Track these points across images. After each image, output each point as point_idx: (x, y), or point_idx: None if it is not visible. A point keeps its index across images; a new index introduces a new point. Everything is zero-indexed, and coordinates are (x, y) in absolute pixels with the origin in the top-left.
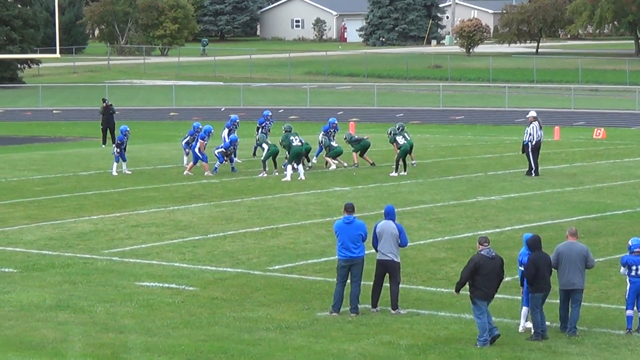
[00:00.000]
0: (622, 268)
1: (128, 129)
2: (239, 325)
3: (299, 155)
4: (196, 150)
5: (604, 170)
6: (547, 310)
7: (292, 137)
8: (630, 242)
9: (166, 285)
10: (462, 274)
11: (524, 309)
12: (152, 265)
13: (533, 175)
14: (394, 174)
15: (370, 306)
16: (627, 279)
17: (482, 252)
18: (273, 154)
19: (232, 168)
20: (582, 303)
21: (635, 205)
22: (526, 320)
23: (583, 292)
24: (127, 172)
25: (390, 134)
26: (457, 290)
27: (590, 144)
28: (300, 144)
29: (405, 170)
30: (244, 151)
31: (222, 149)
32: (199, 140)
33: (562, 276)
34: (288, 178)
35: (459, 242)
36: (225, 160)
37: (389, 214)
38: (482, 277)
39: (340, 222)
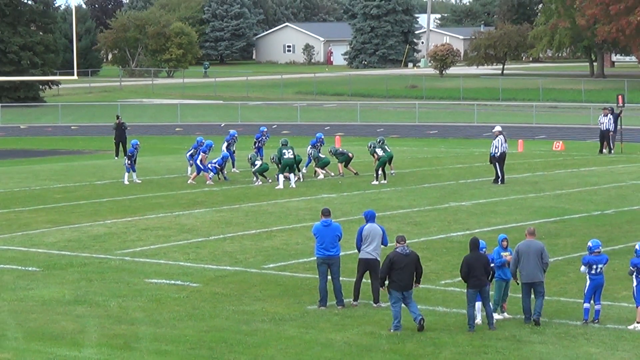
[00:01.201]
0: (583, 267)
1: (138, 142)
2: (238, 317)
3: (290, 167)
4: (198, 162)
5: (563, 178)
6: (510, 303)
7: (284, 150)
8: (590, 244)
9: (172, 282)
10: (380, 271)
11: (478, 304)
12: (160, 264)
13: (499, 183)
14: (375, 182)
15: (352, 299)
16: (587, 276)
17: (397, 250)
18: (263, 170)
19: (225, 178)
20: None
21: (590, 209)
22: (495, 313)
23: (544, 284)
24: (137, 181)
25: (370, 147)
26: (382, 285)
27: (550, 155)
28: (291, 156)
29: (385, 179)
30: (242, 162)
31: (217, 165)
32: (201, 153)
33: (523, 270)
34: (281, 186)
35: (433, 242)
36: (218, 173)
37: (372, 218)
38: (396, 272)
39: (319, 225)
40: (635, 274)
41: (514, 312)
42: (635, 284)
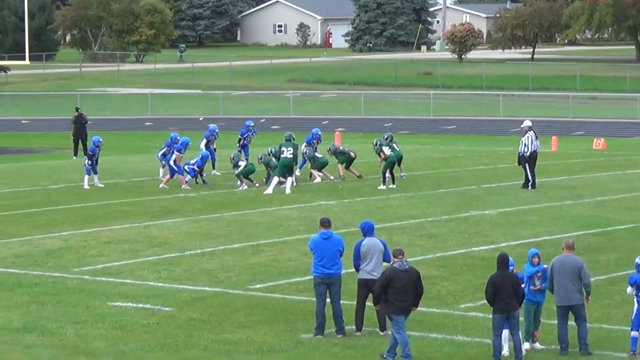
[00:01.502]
0: (630, 288)
1: (101, 139)
2: (218, 348)
3: (287, 167)
4: (171, 162)
5: (605, 182)
6: (543, 331)
7: (284, 148)
8: (638, 260)
9: (140, 305)
10: (374, 288)
11: (505, 332)
12: (126, 284)
13: (529, 188)
14: (381, 186)
15: (354, 328)
16: (635, 299)
17: (395, 265)
18: (249, 172)
19: (204, 181)
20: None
21: (638, 219)
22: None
23: (584, 307)
24: (100, 185)
25: (376, 144)
26: (375, 305)
27: (589, 155)
28: (290, 156)
29: (393, 183)
30: (224, 163)
31: (195, 167)
32: (175, 152)
33: (557, 291)
34: (270, 191)
35: (451, 259)
36: (196, 176)
37: (370, 231)
38: (395, 291)
39: (317, 238)
40: (636, 292)
41: (548, 342)
42: (636, 307)
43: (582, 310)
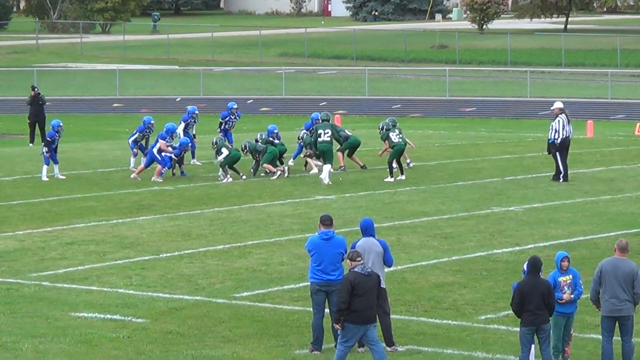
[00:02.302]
0: None
1: (61, 123)
2: None
3: (327, 153)
4: (154, 151)
5: None
6: (579, 347)
7: (320, 130)
8: None
9: (108, 316)
10: (338, 296)
11: (533, 348)
12: (92, 292)
13: (561, 180)
14: (389, 179)
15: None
16: None
17: (356, 269)
18: (233, 160)
19: (182, 172)
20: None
21: None
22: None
23: (632, 319)
24: (60, 176)
25: (382, 129)
26: (337, 320)
27: (631, 143)
28: (328, 139)
29: (402, 174)
30: (205, 151)
31: (172, 155)
32: (159, 140)
33: (605, 300)
34: (326, 179)
35: (469, 262)
36: (173, 167)
37: (368, 229)
38: (358, 299)
39: (316, 239)
40: None
41: (583, 359)
42: None
43: (631, 323)
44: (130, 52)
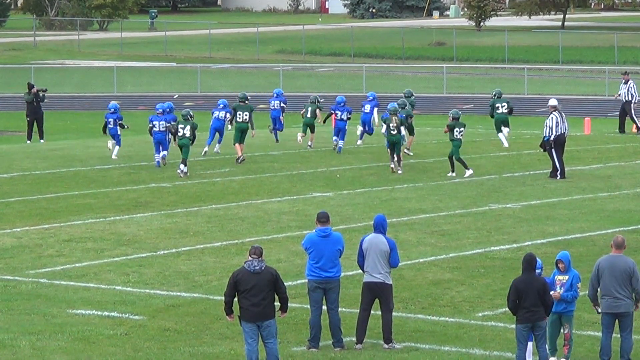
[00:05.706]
0: None
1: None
2: None
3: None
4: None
5: None
6: (576, 344)
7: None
8: None
9: (106, 313)
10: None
11: (530, 345)
12: (89, 289)
13: (558, 177)
14: (451, 174)
15: (355, 340)
16: None
17: (245, 265)
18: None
19: (157, 163)
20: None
21: None
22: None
23: (632, 316)
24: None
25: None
26: (228, 314)
27: (628, 140)
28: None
29: (400, 168)
30: (201, 148)
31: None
32: (165, 124)
33: (604, 296)
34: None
35: (467, 260)
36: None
37: (379, 226)
38: (242, 295)
39: (313, 236)
40: None
41: (579, 356)
42: None
43: (629, 320)
44: (128, 49)
